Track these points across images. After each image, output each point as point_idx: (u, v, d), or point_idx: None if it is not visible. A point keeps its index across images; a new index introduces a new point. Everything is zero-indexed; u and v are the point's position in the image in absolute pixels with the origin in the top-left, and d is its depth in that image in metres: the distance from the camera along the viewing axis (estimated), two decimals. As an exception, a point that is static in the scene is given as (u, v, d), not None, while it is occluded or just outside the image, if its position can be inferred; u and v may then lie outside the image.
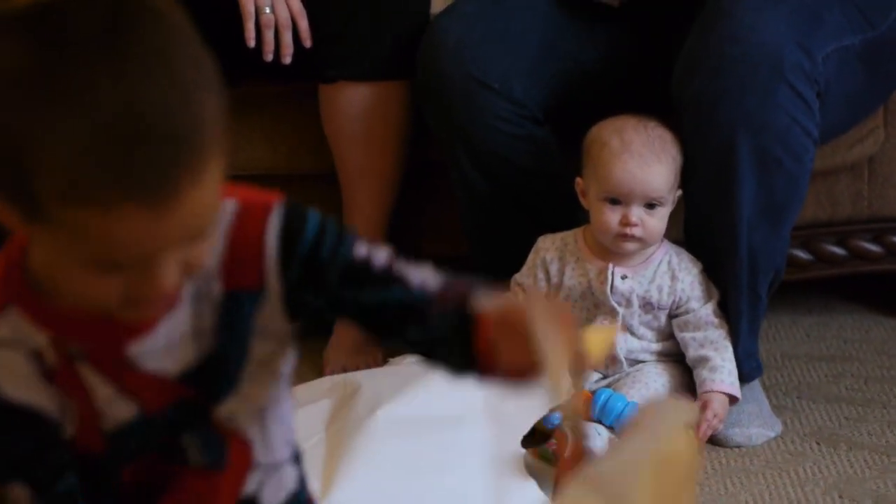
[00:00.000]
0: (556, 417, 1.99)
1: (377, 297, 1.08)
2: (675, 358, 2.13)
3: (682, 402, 1.27)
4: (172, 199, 0.91)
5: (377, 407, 1.91)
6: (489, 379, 1.09)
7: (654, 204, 2.06)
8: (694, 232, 2.13)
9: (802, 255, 2.39)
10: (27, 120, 0.90)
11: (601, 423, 1.98)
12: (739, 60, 1.97)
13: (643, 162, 2.04)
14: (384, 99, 2.29)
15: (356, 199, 2.31)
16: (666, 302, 2.10)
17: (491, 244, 2.27)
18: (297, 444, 1.19)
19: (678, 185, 2.08)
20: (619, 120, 2.09)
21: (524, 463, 1.86)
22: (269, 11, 2.20)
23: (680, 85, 2.03)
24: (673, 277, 2.10)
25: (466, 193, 2.22)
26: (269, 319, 1.09)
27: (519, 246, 2.17)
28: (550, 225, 2.18)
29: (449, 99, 2.15)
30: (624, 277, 2.10)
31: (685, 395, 2.10)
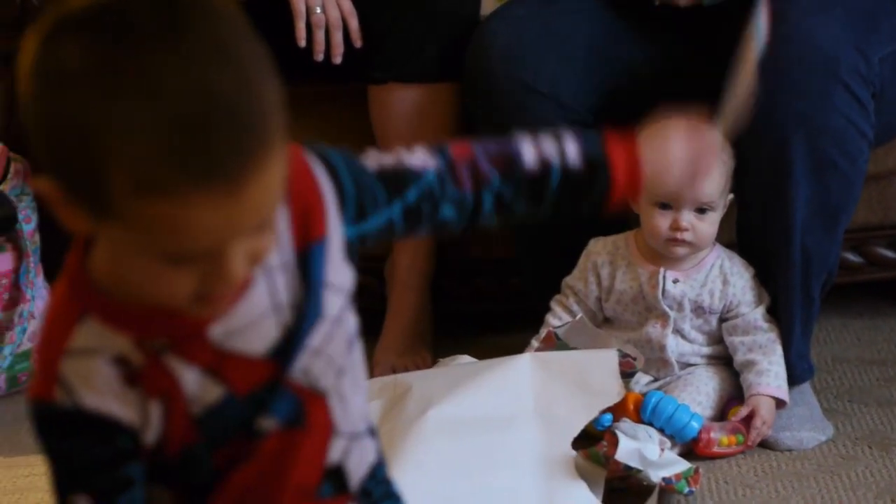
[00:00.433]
0: (606, 419, 1.99)
1: (443, 185, 1.18)
2: (725, 361, 2.13)
3: None
4: (242, 185, 0.92)
5: (428, 408, 1.90)
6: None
7: (704, 209, 2.05)
8: (747, 234, 2.13)
9: (853, 258, 2.39)
10: (96, 114, 0.91)
11: (652, 425, 1.98)
12: (795, 62, 1.96)
13: (693, 167, 2.03)
14: (434, 101, 2.29)
15: (404, 200, 2.31)
16: (717, 306, 2.10)
17: (541, 248, 2.26)
18: (371, 419, 1.20)
19: (729, 189, 2.07)
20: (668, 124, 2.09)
21: (575, 465, 1.85)
22: (319, 11, 2.21)
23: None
24: (725, 282, 2.09)
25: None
26: (336, 271, 1.10)
27: (569, 249, 2.17)
28: (600, 229, 2.17)
29: (497, 103, 2.15)
30: (675, 281, 2.09)
31: (735, 398, 2.09)
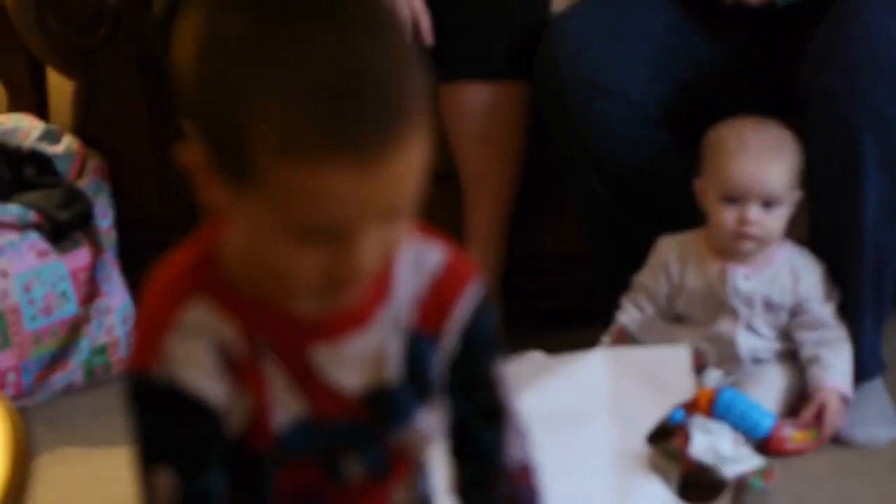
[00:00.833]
0: (679, 415, 1.99)
1: (480, 429, 1.16)
2: (796, 357, 2.12)
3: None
4: (378, 159, 0.94)
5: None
6: None
7: (771, 203, 2.05)
8: (819, 229, 2.13)
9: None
10: (245, 76, 0.94)
11: (724, 420, 1.98)
12: (868, 59, 1.97)
13: (760, 160, 2.04)
14: (504, 99, 2.30)
15: (477, 198, 2.32)
16: (788, 302, 2.10)
17: (611, 245, 2.26)
18: None
19: (798, 185, 2.07)
20: (737, 121, 2.10)
21: (649, 460, 1.86)
22: (391, 10, 2.22)
23: (807, 82, 2.03)
24: (795, 277, 2.09)
25: (584, 195, 2.22)
26: (438, 371, 1.13)
27: (639, 247, 2.17)
28: (670, 226, 2.17)
29: (566, 102, 2.15)
30: (745, 278, 2.09)
31: (806, 396, 2.09)
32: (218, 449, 1.08)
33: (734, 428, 1.97)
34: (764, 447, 2.00)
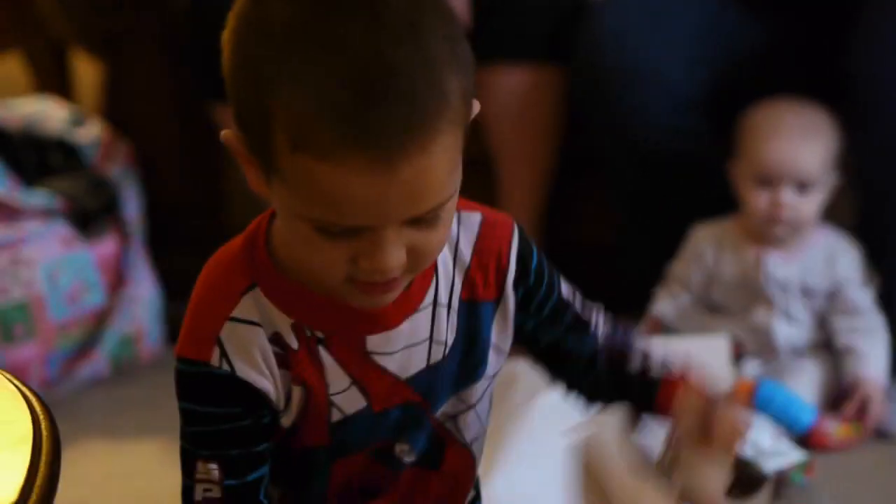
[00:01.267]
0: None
1: (574, 343, 1.18)
2: (831, 347, 2.10)
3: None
4: (396, 161, 0.93)
5: (536, 394, 1.89)
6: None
7: (805, 186, 2.02)
8: (867, 211, 2.10)
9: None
10: (277, 64, 0.93)
11: (764, 413, 1.95)
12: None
13: (793, 142, 2.02)
14: (540, 83, 2.28)
15: (513, 184, 2.31)
16: (824, 285, 2.07)
17: (646, 234, 2.24)
18: None
19: (834, 169, 2.04)
20: (773, 102, 2.08)
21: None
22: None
23: (855, 64, 2.00)
24: (831, 261, 2.07)
25: (619, 183, 2.21)
26: (500, 334, 1.13)
27: (674, 234, 2.16)
28: (705, 213, 2.15)
29: (604, 90, 2.14)
30: (781, 263, 2.06)
31: (844, 389, 2.06)
32: (270, 442, 1.08)
33: (774, 421, 1.94)
34: (805, 442, 1.97)
